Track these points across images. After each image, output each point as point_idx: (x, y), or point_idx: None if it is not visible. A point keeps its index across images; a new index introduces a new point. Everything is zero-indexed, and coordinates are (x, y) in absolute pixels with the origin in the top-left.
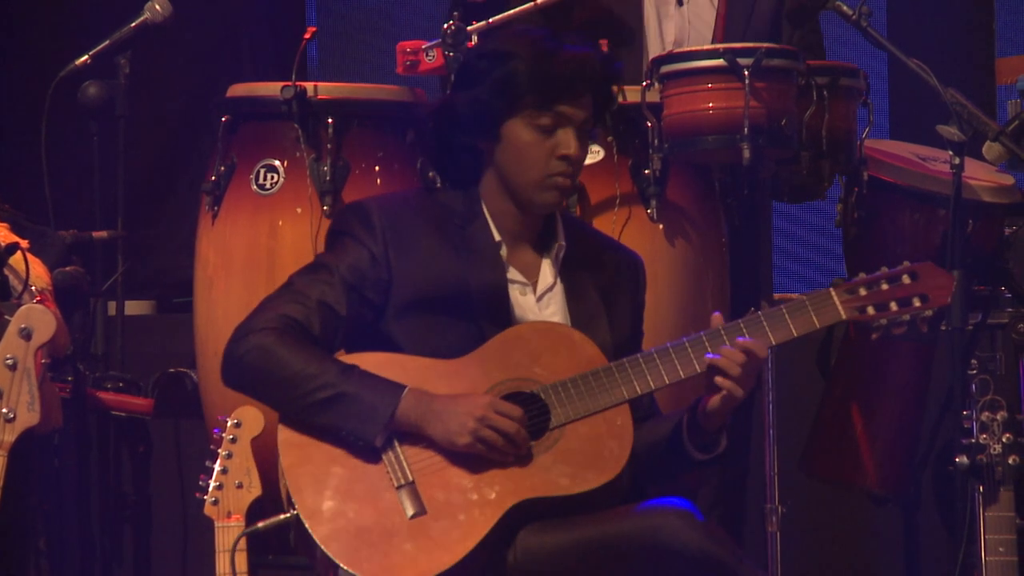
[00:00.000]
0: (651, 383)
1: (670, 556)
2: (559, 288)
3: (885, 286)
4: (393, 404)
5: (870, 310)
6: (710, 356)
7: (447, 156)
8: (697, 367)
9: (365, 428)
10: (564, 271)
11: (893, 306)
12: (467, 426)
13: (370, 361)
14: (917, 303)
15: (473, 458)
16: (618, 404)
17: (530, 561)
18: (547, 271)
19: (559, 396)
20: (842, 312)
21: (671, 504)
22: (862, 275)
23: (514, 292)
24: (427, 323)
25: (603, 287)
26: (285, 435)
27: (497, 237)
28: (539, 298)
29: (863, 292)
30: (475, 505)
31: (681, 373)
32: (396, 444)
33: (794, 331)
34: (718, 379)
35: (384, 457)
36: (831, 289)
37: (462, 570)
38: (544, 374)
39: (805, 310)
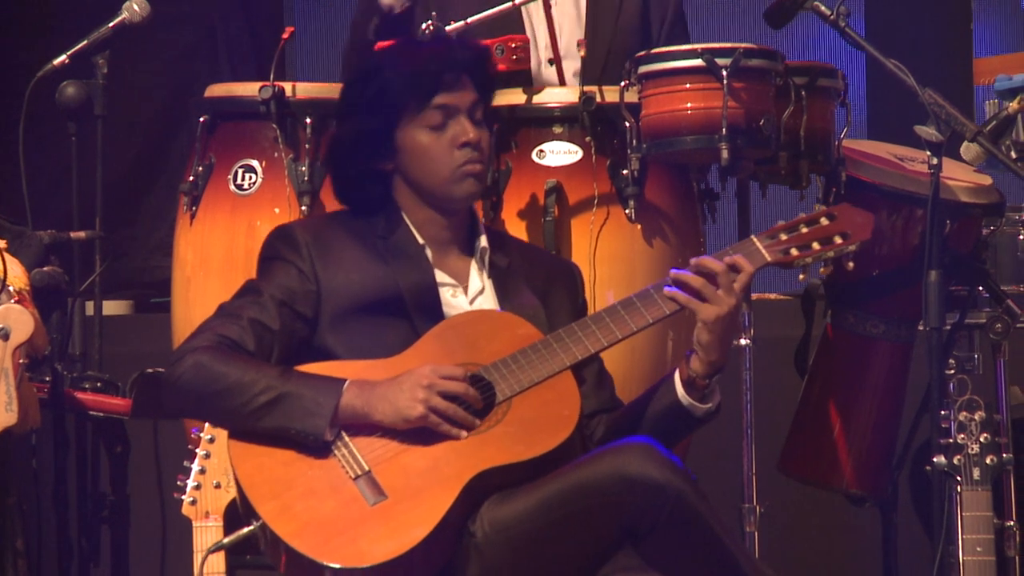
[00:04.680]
0: (589, 347)
1: (637, 487)
2: (490, 290)
3: (804, 229)
4: (336, 396)
5: (794, 251)
6: (669, 289)
7: (355, 189)
8: (632, 325)
9: (312, 423)
10: (493, 273)
11: (815, 246)
12: (417, 396)
13: (308, 368)
14: (839, 240)
15: (425, 439)
16: (560, 371)
17: (498, 531)
18: (475, 276)
19: (501, 372)
20: (767, 255)
21: (633, 440)
22: (780, 222)
23: (444, 294)
24: (361, 331)
25: (537, 287)
26: (236, 449)
27: (421, 241)
28: (471, 301)
29: (784, 237)
30: (435, 483)
31: (617, 334)
32: (346, 438)
33: None
34: (690, 301)
35: (336, 452)
36: (752, 236)
37: (431, 550)
38: (483, 356)
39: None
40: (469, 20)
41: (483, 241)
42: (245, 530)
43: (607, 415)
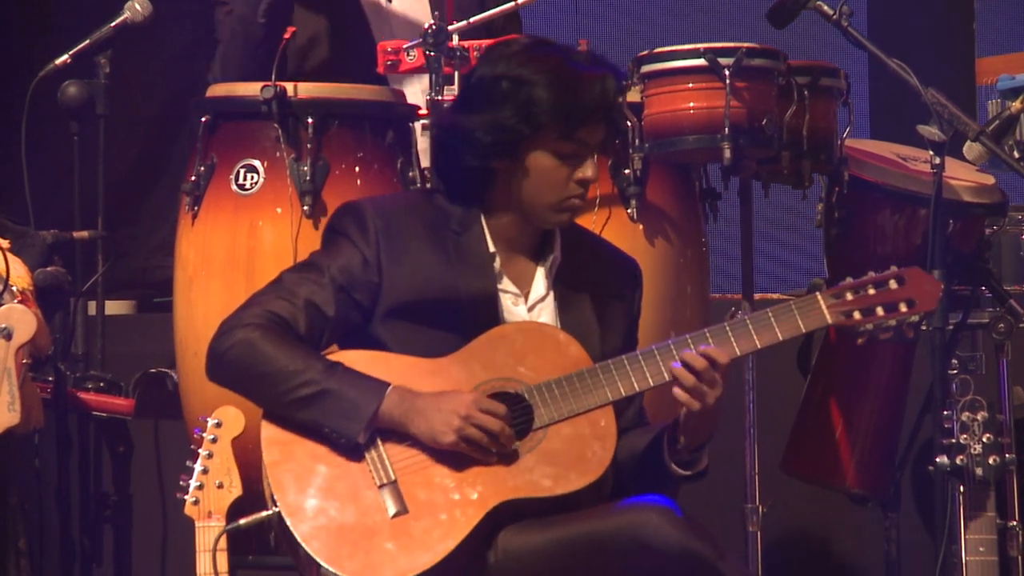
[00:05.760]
0: (635, 385)
1: (651, 553)
2: (551, 299)
3: (872, 291)
4: (376, 401)
5: (856, 315)
6: (675, 366)
7: (455, 174)
8: None
9: (348, 425)
10: (558, 282)
11: (880, 311)
12: (452, 424)
13: (355, 358)
14: (904, 308)
15: (456, 458)
16: (602, 405)
17: (511, 561)
18: (540, 282)
19: (543, 397)
20: (828, 317)
21: (651, 501)
22: (849, 280)
23: (506, 302)
24: (414, 329)
25: (598, 299)
26: (268, 432)
27: (492, 248)
28: (531, 308)
29: (849, 297)
30: (457, 505)
31: (665, 375)
32: (379, 443)
33: (780, 335)
34: (675, 390)
35: (367, 456)
36: (817, 294)
37: (443, 570)
38: (528, 374)
39: (791, 314)
40: (471, 20)
41: (556, 250)
42: (264, 514)
43: (631, 432)
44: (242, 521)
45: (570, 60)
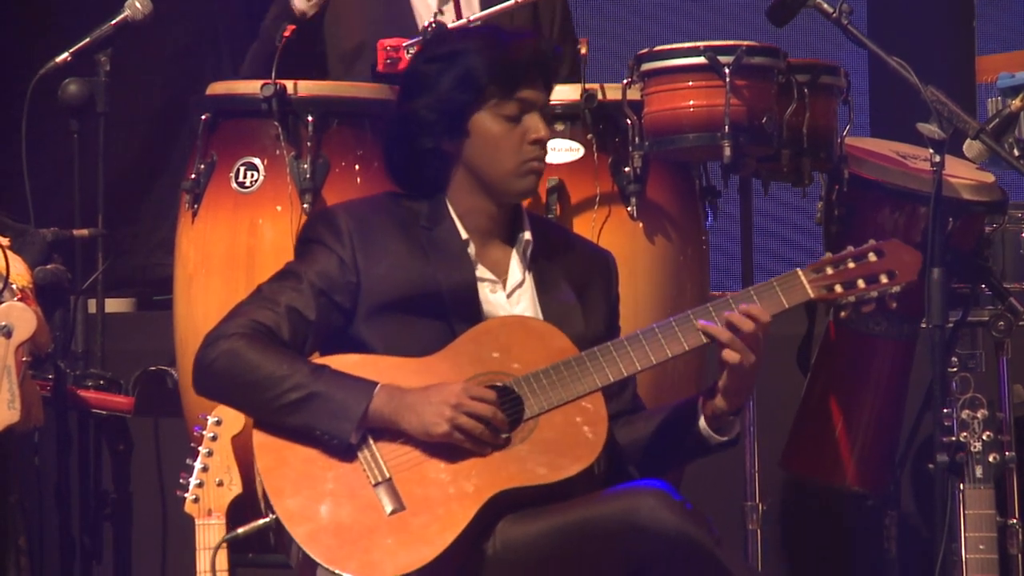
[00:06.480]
0: (623, 370)
1: (647, 536)
2: (529, 283)
3: (851, 264)
4: (365, 401)
5: (838, 288)
6: (703, 323)
7: (412, 166)
8: (668, 351)
9: (339, 426)
10: (533, 266)
11: (860, 283)
12: (444, 415)
13: (341, 362)
14: (884, 279)
15: (449, 451)
16: (592, 392)
17: (509, 551)
18: (516, 267)
19: (532, 387)
20: (810, 291)
21: (647, 485)
22: (828, 255)
23: (484, 290)
24: (398, 325)
25: (575, 280)
26: (260, 438)
27: (464, 236)
28: (509, 294)
29: (830, 271)
30: (453, 498)
31: (652, 359)
32: (371, 442)
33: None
34: (724, 351)
35: (360, 456)
36: (798, 269)
37: (443, 563)
38: (516, 367)
39: (773, 291)
40: (471, 18)
41: (527, 235)
42: (261, 521)
43: (628, 416)
44: (240, 530)
45: (497, 31)
